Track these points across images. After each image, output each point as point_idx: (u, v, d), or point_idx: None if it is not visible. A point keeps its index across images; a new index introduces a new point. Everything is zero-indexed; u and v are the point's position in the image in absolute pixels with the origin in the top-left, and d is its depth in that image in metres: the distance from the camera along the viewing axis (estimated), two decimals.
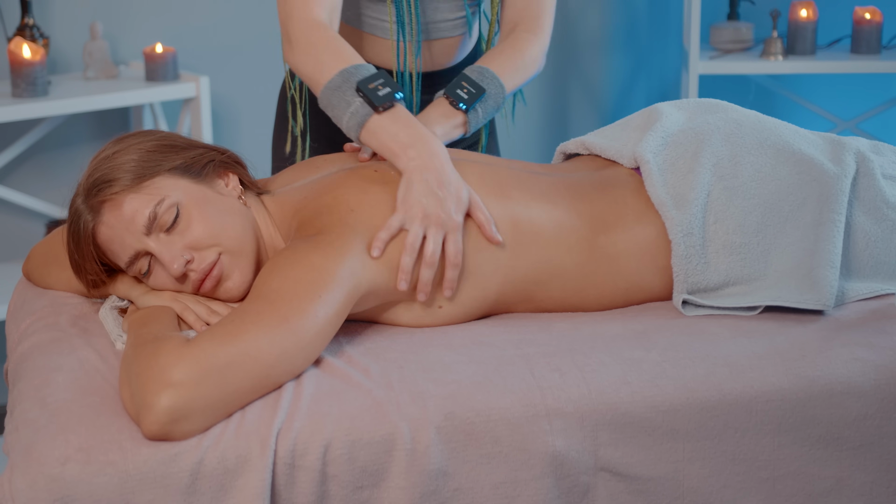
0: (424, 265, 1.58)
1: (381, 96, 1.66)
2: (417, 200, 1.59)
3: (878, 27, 3.30)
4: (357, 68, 1.68)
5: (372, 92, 1.66)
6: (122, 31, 3.12)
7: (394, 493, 1.40)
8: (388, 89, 1.66)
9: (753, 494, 1.50)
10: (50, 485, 1.30)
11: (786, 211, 1.70)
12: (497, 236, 1.62)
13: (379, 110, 1.65)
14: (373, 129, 1.65)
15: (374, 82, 1.67)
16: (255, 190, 1.72)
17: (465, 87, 1.82)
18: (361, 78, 1.67)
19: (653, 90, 3.72)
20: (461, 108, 1.81)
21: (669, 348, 1.55)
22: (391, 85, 1.67)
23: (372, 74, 1.68)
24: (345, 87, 1.67)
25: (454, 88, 1.82)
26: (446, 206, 1.59)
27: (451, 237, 1.60)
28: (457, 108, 1.81)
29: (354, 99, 1.66)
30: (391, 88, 1.66)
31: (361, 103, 1.66)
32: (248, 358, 1.40)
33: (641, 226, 1.70)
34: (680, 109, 1.88)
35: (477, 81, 1.83)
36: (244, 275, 1.60)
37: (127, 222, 1.57)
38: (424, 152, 1.62)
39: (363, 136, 1.67)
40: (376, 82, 1.67)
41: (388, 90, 1.66)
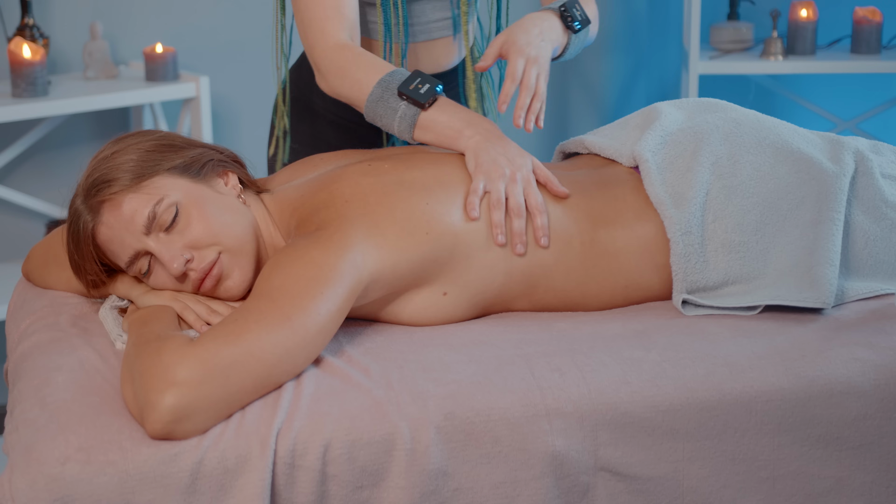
0: (515, 217, 1.64)
1: (424, 93, 1.73)
2: (493, 162, 1.66)
3: (878, 27, 3.30)
4: (392, 75, 1.75)
5: (414, 92, 1.73)
6: (122, 31, 3.12)
7: (394, 492, 1.40)
8: (428, 85, 1.74)
9: (753, 494, 1.50)
10: (50, 485, 1.30)
11: (784, 210, 1.70)
12: (562, 189, 1.69)
13: (425, 107, 1.73)
14: (425, 125, 1.74)
15: (413, 83, 1.74)
16: (254, 189, 1.72)
17: (579, 8, 1.85)
18: (401, 82, 1.74)
19: (653, 90, 3.72)
20: (575, 27, 1.84)
21: (669, 348, 1.55)
22: (430, 81, 1.74)
23: (409, 76, 1.75)
24: (386, 95, 1.74)
25: (571, 6, 1.84)
26: (516, 162, 1.67)
27: (530, 189, 1.66)
28: (569, 25, 1.84)
29: (399, 104, 1.73)
30: (430, 84, 1.74)
31: (407, 105, 1.73)
32: (251, 357, 1.40)
33: (640, 224, 1.70)
34: (679, 109, 1.88)
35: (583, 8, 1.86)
36: (244, 274, 1.60)
37: (126, 222, 1.57)
38: (481, 129, 1.71)
39: (417, 135, 1.75)
40: (415, 82, 1.74)
41: (429, 86, 1.74)
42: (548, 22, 1.82)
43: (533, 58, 1.76)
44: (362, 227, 1.56)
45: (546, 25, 1.81)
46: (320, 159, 1.79)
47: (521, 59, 1.75)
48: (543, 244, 1.65)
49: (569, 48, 1.86)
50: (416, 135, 1.75)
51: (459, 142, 1.71)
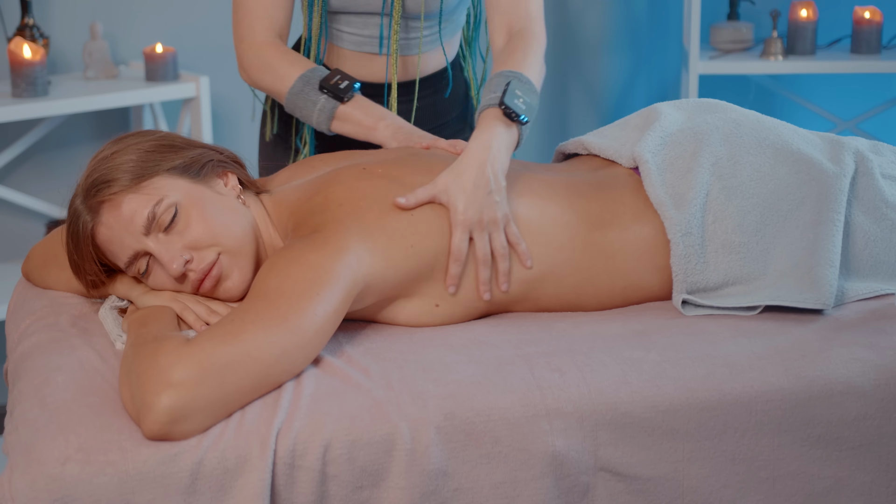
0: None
1: (343, 88, 1.88)
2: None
3: (878, 27, 3.30)
4: (313, 71, 1.90)
5: (335, 87, 1.88)
6: (122, 31, 3.12)
7: (394, 493, 1.40)
8: (347, 82, 1.89)
9: (753, 494, 1.50)
10: (50, 485, 1.30)
11: (785, 210, 1.70)
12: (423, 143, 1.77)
13: (344, 101, 1.87)
14: (343, 117, 1.88)
15: (334, 79, 1.89)
16: (254, 189, 1.72)
17: (520, 95, 1.70)
18: (322, 77, 1.89)
19: (653, 90, 3.72)
20: (522, 120, 1.68)
21: (669, 348, 1.55)
22: (349, 79, 1.89)
23: (330, 73, 1.89)
24: (307, 89, 1.89)
25: (511, 99, 1.68)
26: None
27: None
28: (514, 120, 1.68)
29: (319, 97, 1.88)
30: (349, 81, 1.89)
31: (327, 98, 1.88)
32: (248, 357, 1.40)
33: (640, 225, 1.70)
34: (679, 109, 1.88)
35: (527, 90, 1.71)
36: (244, 274, 1.60)
37: (126, 222, 1.56)
38: (392, 123, 1.85)
39: (335, 126, 1.89)
40: (335, 78, 1.89)
41: (348, 83, 1.89)
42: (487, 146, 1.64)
43: (479, 221, 1.61)
44: (356, 231, 1.56)
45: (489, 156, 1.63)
46: (320, 160, 1.79)
47: (461, 231, 1.61)
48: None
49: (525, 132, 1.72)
50: (334, 126, 1.89)
51: (376, 132, 1.86)
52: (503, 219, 1.63)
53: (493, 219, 1.62)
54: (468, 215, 1.61)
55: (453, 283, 1.62)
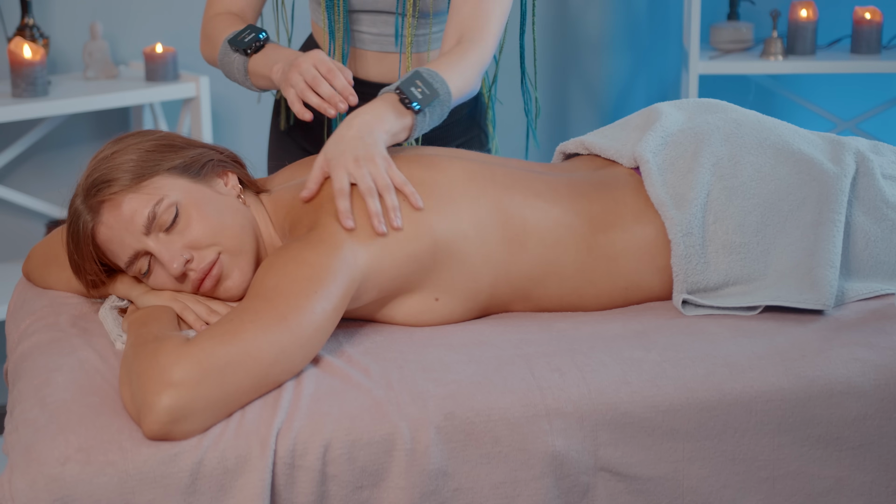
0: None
1: (247, 41, 1.83)
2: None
3: (878, 27, 3.30)
4: (235, 33, 1.85)
5: (240, 43, 1.83)
6: (122, 31, 3.12)
7: (394, 493, 1.40)
8: (252, 34, 1.83)
9: (753, 494, 1.50)
10: (50, 485, 1.30)
11: (785, 211, 1.70)
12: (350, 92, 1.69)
13: (249, 53, 1.83)
14: (253, 70, 1.83)
15: (240, 35, 1.84)
16: (254, 189, 1.72)
17: (420, 86, 1.69)
18: (231, 37, 1.85)
19: (653, 90, 3.72)
20: (414, 108, 1.67)
21: (669, 348, 1.55)
22: (255, 30, 1.84)
23: (240, 30, 1.85)
24: (227, 50, 1.85)
25: (408, 86, 1.68)
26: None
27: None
28: (408, 107, 1.67)
29: (233, 55, 1.84)
30: (255, 32, 1.83)
31: (238, 56, 1.84)
32: (247, 357, 1.40)
33: (641, 225, 1.70)
34: (679, 109, 1.88)
35: (431, 83, 1.70)
36: (244, 274, 1.60)
37: (126, 222, 1.57)
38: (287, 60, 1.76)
39: (253, 82, 1.84)
40: (243, 34, 1.84)
41: (252, 35, 1.83)
42: (374, 112, 1.66)
43: (354, 160, 1.61)
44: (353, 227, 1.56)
45: (370, 118, 1.65)
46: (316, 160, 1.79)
47: (340, 171, 1.60)
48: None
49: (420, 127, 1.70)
50: (253, 82, 1.84)
51: (273, 80, 1.78)
52: (382, 159, 1.61)
53: (366, 155, 1.61)
54: (341, 158, 1.61)
55: (346, 217, 1.56)
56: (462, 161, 1.71)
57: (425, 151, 1.76)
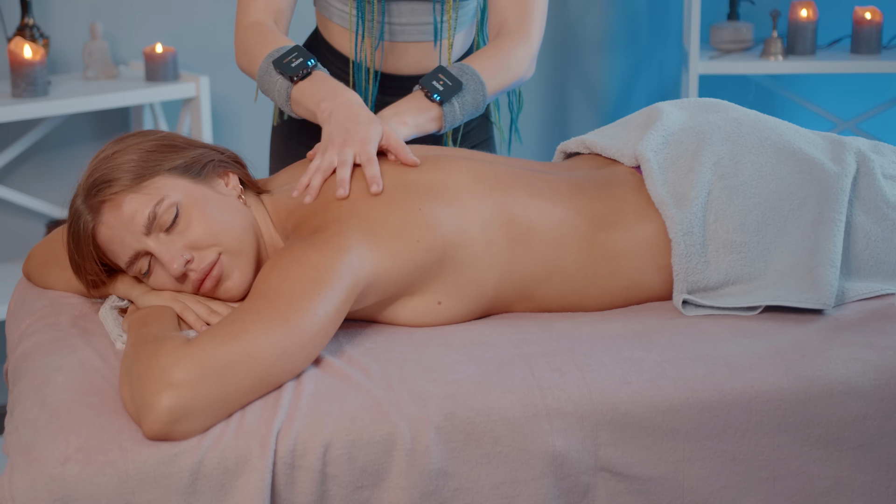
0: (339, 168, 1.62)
1: (294, 67, 1.76)
2: (329, 135, 1.65)
3: (878, 27, 3.30)
4: (277, 50, 1.79)
5: (286, 66, 1.77)
6: (122, 31, 3.12)
7: (394, 493, 1.40)
8: (300, 59, 1.77)
9: (753, 494, 1.50)
10: (50, 485, 1.30)
11: (786, 210, 1.70)
12: (412, 158, 1.66)
13: (294, 80, 1.76)
14: (296, 99, 1.77)
15: (287, 57, 1.78)
16: (254, 189, 1.72)
17: (442, 79, 1.81)
18: (276, 57, 1.78)
19: (653, 90, 3.72)
20: (435, 99, 1.79)
21: (669, 348, 1.55)
22: (304, 55, 1.77)
23: (286, 51, 1.78)
24: (270, 69, 1.78)
25: (430, 80, 1.80)
26: (352, 133, 1.63)
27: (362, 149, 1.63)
28: (431, 99, 1.79)
29: (276, 78, 1.77)
30: (304, 58, 1.77)
31: (282, 79, 1.77)
32: (248, 358, 1.40)
33: (642, 224, 1.70)
34: (680, 108, 1.88)
35: (455, 75, 1.81)
36: (244, 274, 1.60)
37: (126, 222, 1.57)
38: (335, 102, 1.71)
39: (292, 108, 1.78)
40: (290, 56, 1.77)
41: (301, 60, 1.77)
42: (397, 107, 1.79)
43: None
44: (358, 230, 1.56)
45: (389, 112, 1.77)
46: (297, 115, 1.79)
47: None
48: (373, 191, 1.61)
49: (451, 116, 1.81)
50: (293, 109, 1.78)
51: (317, 116, 1.73)
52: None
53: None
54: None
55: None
56: (466, 161, 1.71)
57: (429, 152, 1.76)
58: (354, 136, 1.65)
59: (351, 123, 1.66)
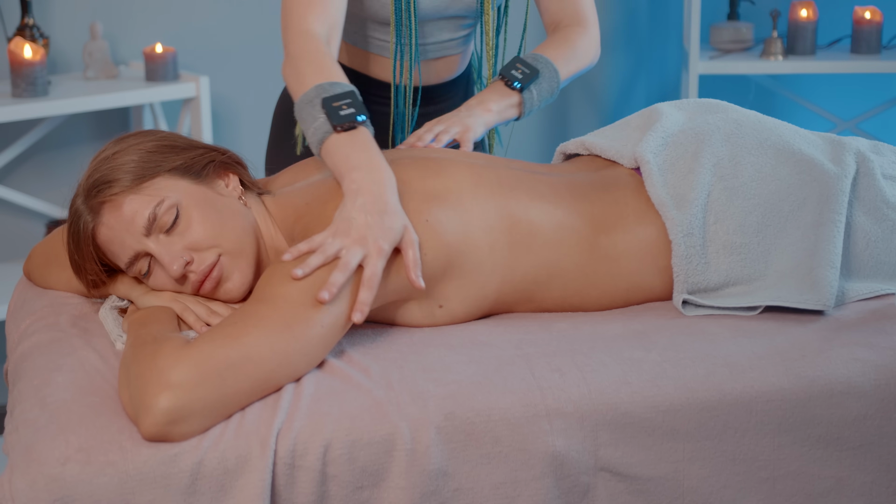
0: (337, 270, 1.48)
1: (342, 116, 1.62)
2: (345, 221, 1.52)
3: (878, 27, 3.30)
4: (331, 85, 1.66)
5: (334, 110, 1.62)
6: (122, 31, 3.12)
7: (394, 493, 1.40)
8: (351, 110, 1.62)
9: (753, 494, 1.50)
10: (50, 485, 1.30)
11: (786, 211, 1.70)
12: (419, 282, 1.54)
13: (337, 129, 1.61)
14: (329, 148, 1.62)
15: (339, 101, 1.64)
16: (255, 190, 1.72)
17: (520, 67, 1.95)
18: (328, 95, 1.64)
19: (653, 90, 3.72)
20: (516, 87, 1.93)
21: (669, 348, 1.55)
22: (357, 107, 1.63)
23: (341, 93, 1.65)
24: (315, 101, 1.64)
25: (509, 69, 1.95)
26: (372, 232, 1.51)
27: (370, 261, 1.50)
28: (511, 87, 1.93)
29: (319, 115, 1.63)
30: (355, 110, 1.63)
31: (325, 121, 1.62)
32: (248, 362, 1.39)
33: (642, 226, 1.70)
34: (680, 109, 1.88)
35: (531, 63, 1.95)
36: (244, 276, 1.60)
37: (127, 223, 1.56)
38: (369, 177, 1.56)
39: (322, 153, 1.63)
40: (342, 101, 1.63)
41: (352, 111, 1.62)
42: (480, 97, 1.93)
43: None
44: None
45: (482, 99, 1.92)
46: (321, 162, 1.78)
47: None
48: (356, 319, 1.48)
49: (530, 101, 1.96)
50: (322, 153, 1.63)
51: (343, 181, 1.57)
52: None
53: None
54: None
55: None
56: (467, 164, 1.70)
57: (430, 154, 1.76)
58: (373, 233, 1.52)
59: (374, 217, 1.53)
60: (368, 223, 1.51)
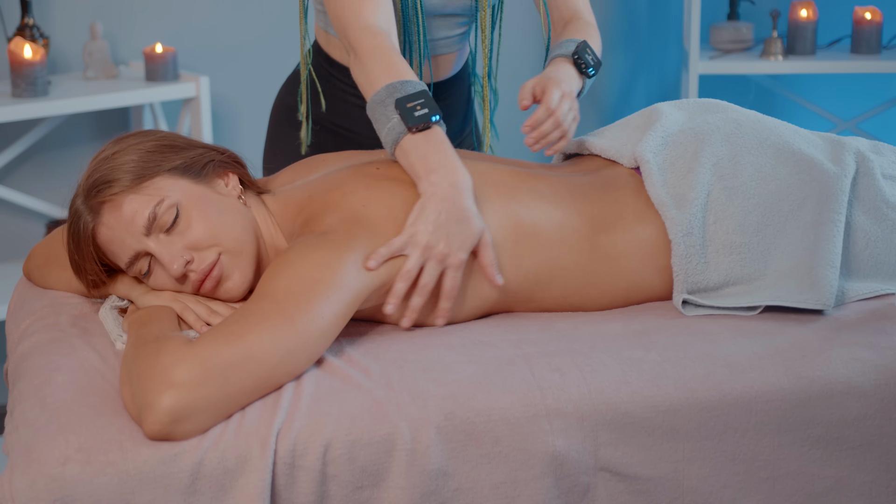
0: (416, 293, 1.57)
1: (417, 117, 1.63)
2: (425, 229, 1.55)
3: (878, 27, 3.30)
4: (403, 84, 1.66)
5: (409, 111, 1.64)
6: (122, 31, 3.12)
7: (394, 493, 1.40)
8: (425, 110, 1.64)
9: (753, 494, 1.50)
10: (50, 485, 1.30)
11: (786, 211, 1.70)
12: (498, 280, 1.61)
13: (413, 130, 1.63)
14: (405, 148, 1.63)
15: (413, 101, 1.64)
16: (255, 189, 1.72)
17: (591, 52, 1.88)
18: (402, 95, 1.65)
19: (653, 90, 3.72)
20: (590, 73, 1.87)
21: (669, 348, 1.55)
22: (430, 106, 1.64)
23: (414, 93, 1.65)
24: (388, 101, 1.65)
25: (584, 53, 1.86)
26: (452, 243, 1.56)
27: (450, 273, 1.57)
28: (583, 72, 1.87)
29: (393, 115, 1.64)
30: (429, 110, 1.64)
31: (398, 121, 1.64)
32: (250, 359, 1.39)
33: (642, 226, 1.70)
34: (680, 109, 1.88)
35: (595, 52, 1.89)
36: (244, 275, 1.60)
37: (126, 223, 1.56)
38: (447, 180, 1.59)
39: (397, 153, 1.65)
40: (416, 102, 1.64)
41: (426, 111, 1.63)
42: (567, 70, 1.85)
43: (568, 92, 1.78)
44: (367, 232, 1.56)
45: (568, 72, 1.84)
46: (322, 160, 1.79)
47: (558, 90, 1.76)
48: (437, 324, 1.60)
49: (582, 92, 1.90)
50: (396, 153, 1.65)
51: (421, 183, 1.60)
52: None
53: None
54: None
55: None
56: (470, 163, 1.69)
57: None
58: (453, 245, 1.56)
59: (453, 226, 1.57)
60: (449, 234, 1.56)
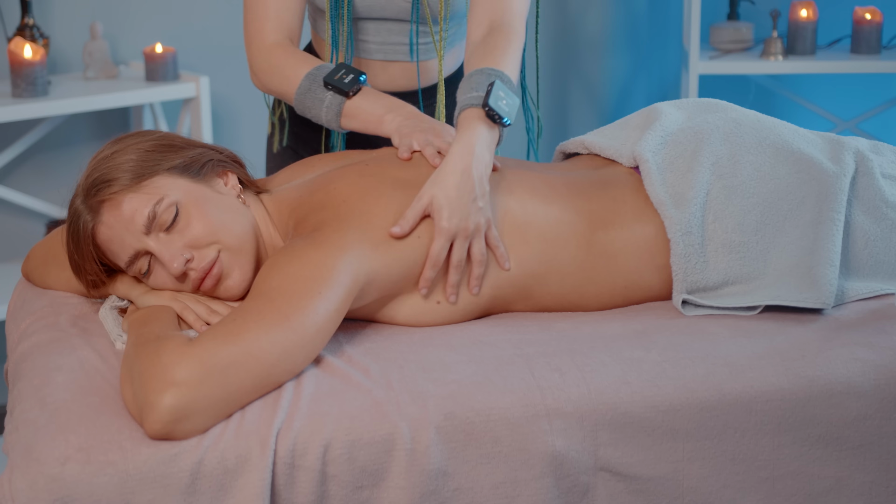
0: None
1: (348, 83, 1.80)
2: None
3: (878, 27, 3.30)
4: (319, 69, 1.82)
5: (339, 82, 1.80)
6: (122, 31, 3.12)
7: (394, 493, 1.40)
8: (352, 76, 1.81)
9: (753, 494, 1.50)
10: (50, 485, 1.30)
11: (785, 210, 1.70)
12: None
13: (349, 95, 1.80)
14: (350, 113, 1.80)
15: (338, 73, 1.81)
16: (254, 189, 1.72)
17: (503, 97, 1.64)
18: (326, 73, 1.81)
19: (653, 90, 3.72)
20: (505, 123, 1.64)
21: (669, 348, 1.55)
22: (354, 72, 1.81)
23: (334, 68, 1.82)
24: (314, 87, 1.81)
25: (496, 101, 1.62)
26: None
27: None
28: (498, 122, 1.64)
29: (325, 94, 1.80)
30: (354, 74, 1.81)
31: (333, 95, 1.80)
32: (250, 357, 1.40)
33: (640, 224, 1.70)
34: (679, 109, 1.88)
35: (509, 91, 1.67)
36: (244, 273, 1.60)
37: (126, 222, 1.57)
38: (402, 112, 1.77)
39: (343, 123, 1.81)
40: (340, 73, 1.81)
41: (353, 76, 1.81)
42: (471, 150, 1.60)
43: (455, 230, 1.58)
44: (359, 228, 1.56)
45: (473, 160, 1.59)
46: (319, 160, 1.79)
47: (443, 239, 1.58)
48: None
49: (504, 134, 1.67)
50: (343, 123, 1.81)
51: (382, 126, 1.77)
52: (485, 224, 1.62)
53: (476, 226, 1.61)
54: (452, 223, 1.58)
55: (426, 285, 1.61)
56: None
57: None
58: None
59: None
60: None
